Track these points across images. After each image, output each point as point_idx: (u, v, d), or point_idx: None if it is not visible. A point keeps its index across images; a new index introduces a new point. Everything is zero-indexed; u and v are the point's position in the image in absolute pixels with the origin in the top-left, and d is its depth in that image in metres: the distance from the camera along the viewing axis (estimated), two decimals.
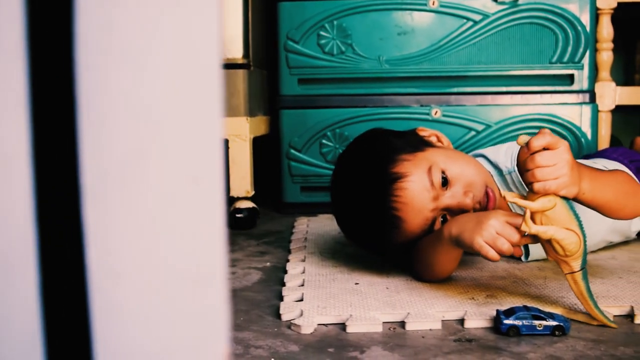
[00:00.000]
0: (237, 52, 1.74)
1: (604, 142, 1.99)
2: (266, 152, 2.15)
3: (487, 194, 1.19)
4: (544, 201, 0.98)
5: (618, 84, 2.47)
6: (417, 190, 1.14)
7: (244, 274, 1.31)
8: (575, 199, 1.03)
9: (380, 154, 1.19)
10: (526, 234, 1.01)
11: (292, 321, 1.00)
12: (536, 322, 0.95)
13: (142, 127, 0.34)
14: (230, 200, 1.75)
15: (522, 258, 1.32)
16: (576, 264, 0.99)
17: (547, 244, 1.00)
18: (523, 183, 1.22)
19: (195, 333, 0.31)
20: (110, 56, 0.35)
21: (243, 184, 1.73)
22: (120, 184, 0.34)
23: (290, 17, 1.88)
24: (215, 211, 0.31)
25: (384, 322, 1.00)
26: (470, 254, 1.19)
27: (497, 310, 0.97)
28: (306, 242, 1.52)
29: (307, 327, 0.98)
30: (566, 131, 1.88)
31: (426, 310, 1.02)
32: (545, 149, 0.97)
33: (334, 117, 1.89)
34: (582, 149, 1.87)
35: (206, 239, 0.31)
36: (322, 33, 1.88)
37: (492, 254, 1.01)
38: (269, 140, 2.08)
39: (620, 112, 2.52)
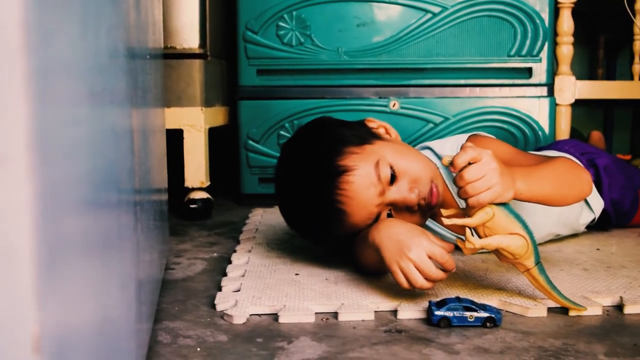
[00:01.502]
0: (193, 42, 1.73)
1: (563, 136, 1.99)
2: (226, 143, 2.14)
3: (431, 190, 1.18)
4: (481, 215, 0.97)
5: (582, 78, 2.48)
6: (363, 184, 1.12)
7: (189, 264, 1.30)
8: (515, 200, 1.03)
9: (327, 145, 1.17)
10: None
11: (225, 311, 0.99)
12: (467, 314, 0.94)
13: None
14: (185, 191, 1.74)
15: None
16: (529, 262, 0.99)
17: (496, 251, 1.00)
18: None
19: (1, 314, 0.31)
20: None
21: (198, 175, 1.72)
22: None
23: (249, 7, 1.87)
24: (21, 190, 0.30)
25: (316, 313, 0.99)
26: None
27: (430, 302, 0.97)
28: (257, 233, 1.51)
29: (239, 317, 0.97)
30: (524, 124, 1.88)
31: (361, 301, 1.02)
32: (471, 163, 0.97)
33: (292, 108, 1.89)
34: (539, 142, 1.87)
35: (10, 219, 0.30)
36: (281, 24, 1.87)
37: (405, 284, 1.01)
38: (228, 131, 2.07)
39: (584, 106, 2.54)
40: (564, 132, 1.99)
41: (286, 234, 1.47)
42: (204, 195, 1.73)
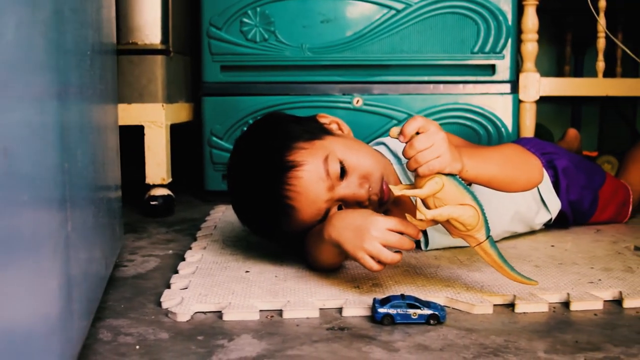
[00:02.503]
0: (154, 38, 1.72)
1: (528, 133, 1.99)
2: (192, 139, 2.13)
3: (382, 187, 1.18)
4: (431, 184, 0.98)
5: (550, 75, 2.50)
6: (312, 179, 1.12)
7: (142, 261, 1.29)
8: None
9: (277, 140, 1.17)
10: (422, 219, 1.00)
11: (169, 309, 0.99)
12: (411, 311, 0.94)
13: None
14: (146, 188, 1.73)
15: (422, 247, 1.32)
16: (480, 235, 1.00)
17: (447, 224, 1.00)
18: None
19: None
20: None
21: (159, 171, 1.71)
22: None
23: (213, 3, 1.86)
24: None
25: (261, 310, 0.99)
26: None
27: (374, 299, 0.97)
28: (215, 230, 1.51)
29: (183, 314, 0.97)
30: (487, 121, 1.88)
31: (307, 298, 1.02)
32: (418, 133, 0.98)
33: (256, 104, 1.88)
34: (503, 139, 1.87)
35: None
36: (245, 20, 1.86)
37: (376, 267, 1.01)
38: (194, 127, 2.06)
39: (552, 103, 2.54)
40: (529, 128, 2.00)
41: (244, 231, 1.47)
42: (164, 192, 1.73)
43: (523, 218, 1.40)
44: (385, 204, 1.20)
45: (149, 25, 1.71)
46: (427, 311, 0.95)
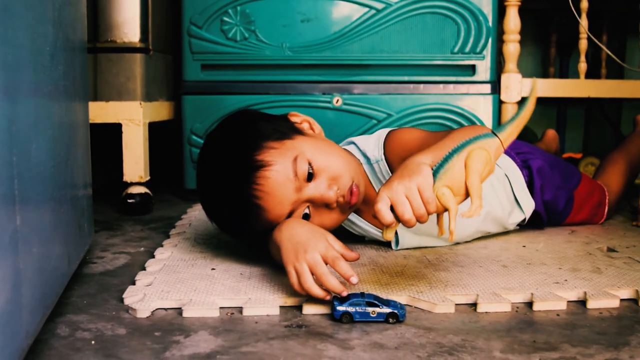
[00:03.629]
0: (133, 36, 1.72)
1: None
2: (172, 138, 2.13)
3: (351, 189, 1.18)
4: (447, 196, 0.97)
5: (535, 76, 2.50)
6: (280, 180, 1.12)
7: (112, 258, 1.29)
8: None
9: (247, 139, 1.16)
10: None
11: (130, 305, 0.99)
12: (370, 309, 0.94)
13: None
14: (124, 186, 1.73)
15: (392, 246, 1.32)
16: (494, 142, 1.01)
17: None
18: (390, 172, 1.22)
19: None
20: None
21: (136, 169, 1.71)
22: None
23: (193, 1, 1.87)
24: None
25: (221, 307, 0.99)
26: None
27: (334, 297, 0.97)
28: (189, 227, 1.51)
29: (143, 311, 0.97)
30: (467, 122, 1.88)
31: (268, 296, 1.02)
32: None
33: (236, 103, 1.88)
34: None
35: None
36: (226, 19, 1.86)
37: (296, 286, 0.99)
38: (175, 126, 2.06)
39: (537, 104, 2.54)
40: None
41: (216, 229, 1.47)
42: (142, 190, 1.73)
43: (496, 218, 1.40)
44: (354, 206, 1.20)
45: (128, 23, 1.71)
46: (386, 310, 0.95)
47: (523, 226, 1.51)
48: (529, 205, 1.47)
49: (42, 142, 0.86)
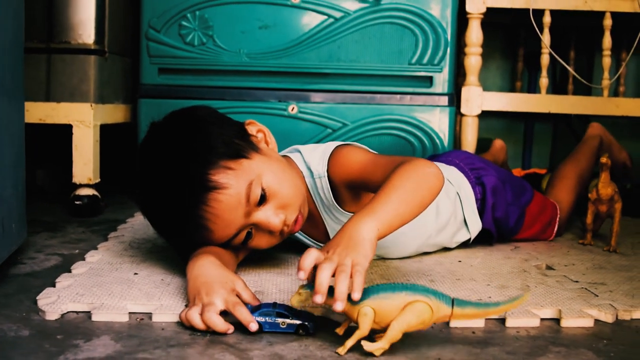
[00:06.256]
0: (87, 38, 1.71)
1: (469, 147, 1.99)
2: (129, 141, 2.12)
3: (297, 219, 1.16)
4: (364, 319, 0.88)
5: (504, 90, 2.50)
6: (232, 204, 1.08)
7: (43, 259, 1.29)
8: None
9: (199, 151, 1.09)
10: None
11: (40, 307, 0.98)
12: (280, 320, 0.94)
13: None
14: (72, 187, 1.72)
15: None
16: (445, 311, 0.90)
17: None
18: (330, 191, 1.21)
19: None
20: None
21: (85, 171, 1.70)
22: None
23: (152, 5, 1.87)
24: None
25: (132, 313, 0.98)
26: None
27: (247, 306, 0.96)
28: (130, 231, 1.50)
29: (52, 313, 0.96)
30: (423, 133, 1.88)
31: (181, 303, 1.01)
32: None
33: None
34: (438, 152, 1.87)
35: None
36: (184, 23, 1.86)
37: (183, 319, 0.95)
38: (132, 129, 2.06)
39: (505, 119, 2.55)
40: (470, 143, 1.99)
41: (156, 233, 1.46)
42: (90, 192, 1.72)
43: (437, 243, 1.40)
44: (294, 233, 1.19)
45: (83, 24, 1.71)
46: (296, 321, 0.94)
47: (473, 241, 1.49)
48: (476, 227, 1.46)
49: None
